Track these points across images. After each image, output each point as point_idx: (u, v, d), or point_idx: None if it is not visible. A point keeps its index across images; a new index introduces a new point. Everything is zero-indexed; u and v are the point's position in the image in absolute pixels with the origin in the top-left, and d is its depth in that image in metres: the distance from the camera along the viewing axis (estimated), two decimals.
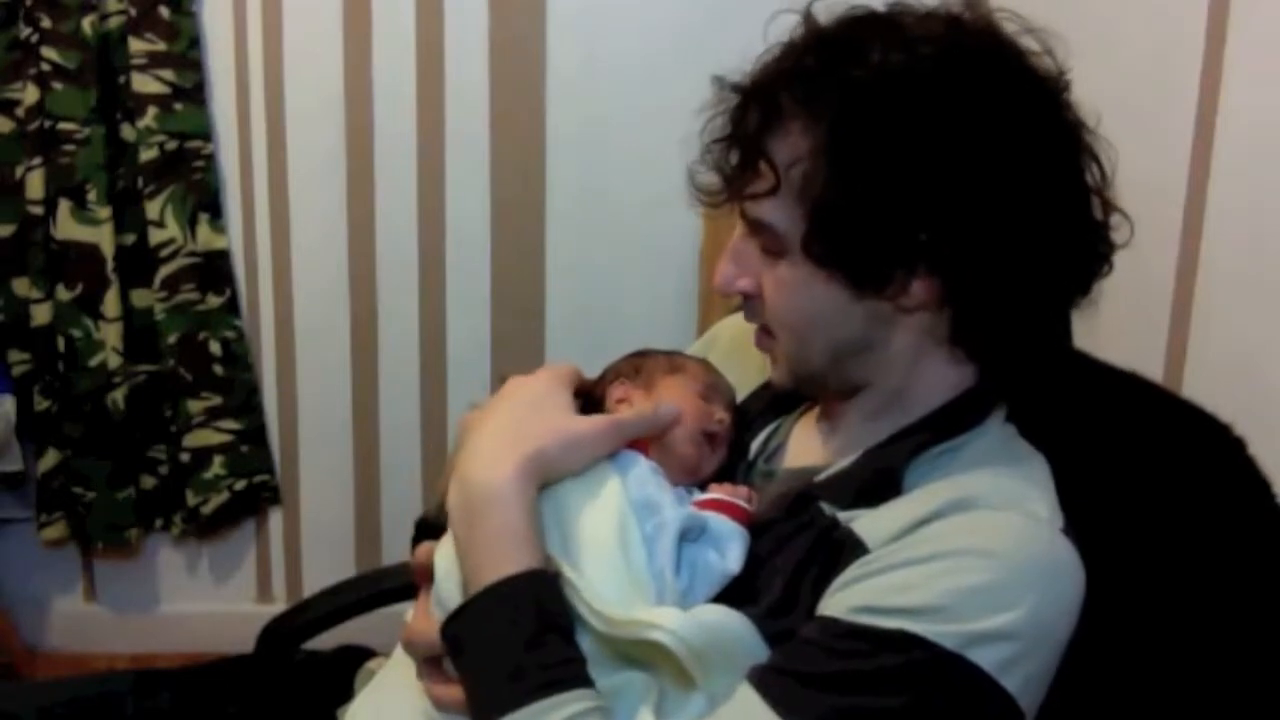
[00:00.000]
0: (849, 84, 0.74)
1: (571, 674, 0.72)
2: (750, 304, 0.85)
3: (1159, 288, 1.25)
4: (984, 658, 0.68)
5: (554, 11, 2.03)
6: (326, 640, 1.18)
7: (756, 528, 0.82)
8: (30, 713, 1.01)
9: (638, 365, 0.95)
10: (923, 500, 0.76)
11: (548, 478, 0.79)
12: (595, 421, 0.83)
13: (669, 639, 0.72)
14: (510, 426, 0.81)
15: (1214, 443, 0.84)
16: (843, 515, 0.79)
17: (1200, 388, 1.17)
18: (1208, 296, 1.21)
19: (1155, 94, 1.29)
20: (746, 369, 0.99)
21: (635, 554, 0.77)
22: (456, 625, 0.75)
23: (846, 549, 0.76)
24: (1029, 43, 0.78)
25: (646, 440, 0.87)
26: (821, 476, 0.83)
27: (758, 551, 0.80)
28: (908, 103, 0.73)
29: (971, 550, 0.71)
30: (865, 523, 0.77)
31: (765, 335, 0.86)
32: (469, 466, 0.79)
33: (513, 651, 0.72)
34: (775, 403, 0.94)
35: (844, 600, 0.73)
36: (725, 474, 0.91)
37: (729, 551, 0.79)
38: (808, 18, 0.80)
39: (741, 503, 0.83)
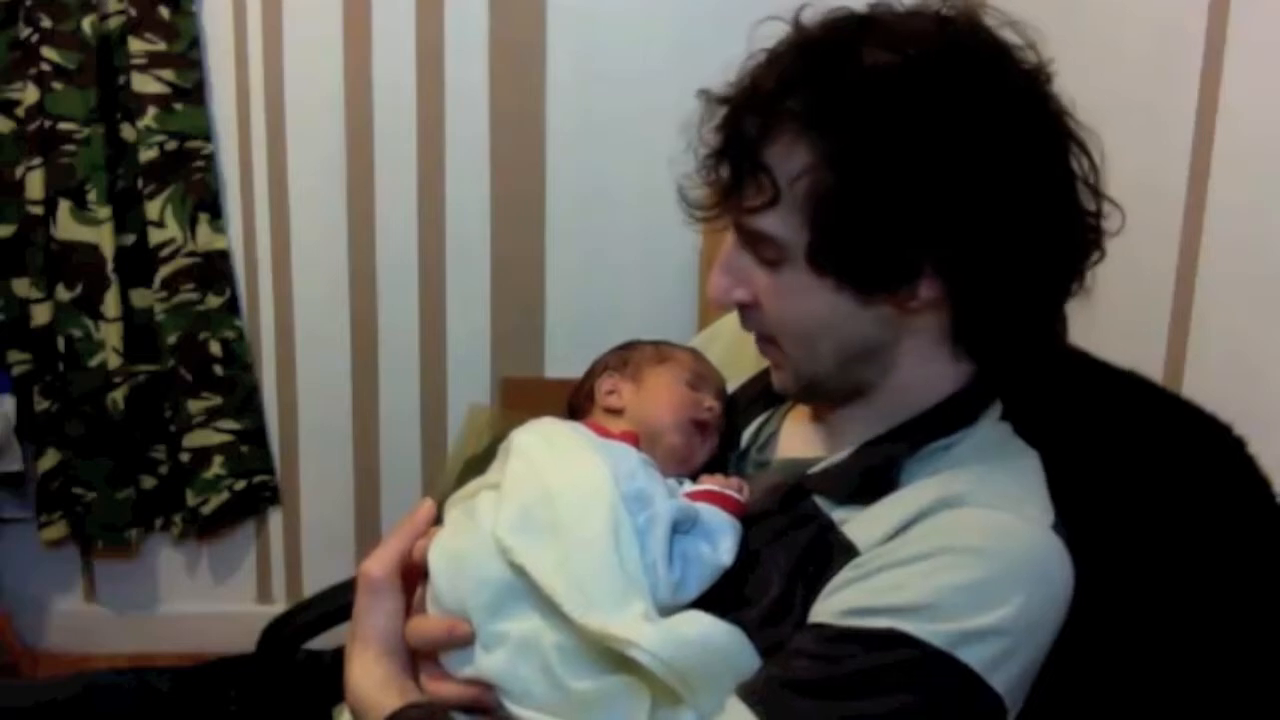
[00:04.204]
0: (848, 90, 0.73)
1: None
2: (748, 313, 0.84)
3: (1159, 288, 1.25)
4: (972, 656, 0.69)
5: (554, 11, 2.03)
6: (326, 640, 1.18)
7: (748, 519, 0.82)
8: (29, 711, 1.01)
9: (625, 357, 0.94)
10: (912, 498, 0.76)
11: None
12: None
13: (647, 659, 0.71)
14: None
15: (1213, 442, 0.84)
16: (837, 516, 0.79)
17: (1200, 388, 1.17)
18: (1208, 296, 1.20)
19: (1155, 94, 1.29)
20: (748, 363, 0.99)
21: (628, 547, 0.76)
22: None
23: (837, 552, 0.76)
24: (1010, 36, 0.78)
25: (636, 431, 0.87)
26: (815, 469, 0.83)
27: (751, 544, 0.80)
28: (907, 105, 0.72)
29: (960, 548, 0.72)
30: (856, 525, 0.77)
31: (767, 343, 0.85)
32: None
33: None
34: (767, 392, 0.93)
35: (835, 604, 0.73)
36: (716, 464, 0.90)
37: (721, 544, 0.79)
38: (796, 24, 0.78)
39: (733, 494, 0.83)
